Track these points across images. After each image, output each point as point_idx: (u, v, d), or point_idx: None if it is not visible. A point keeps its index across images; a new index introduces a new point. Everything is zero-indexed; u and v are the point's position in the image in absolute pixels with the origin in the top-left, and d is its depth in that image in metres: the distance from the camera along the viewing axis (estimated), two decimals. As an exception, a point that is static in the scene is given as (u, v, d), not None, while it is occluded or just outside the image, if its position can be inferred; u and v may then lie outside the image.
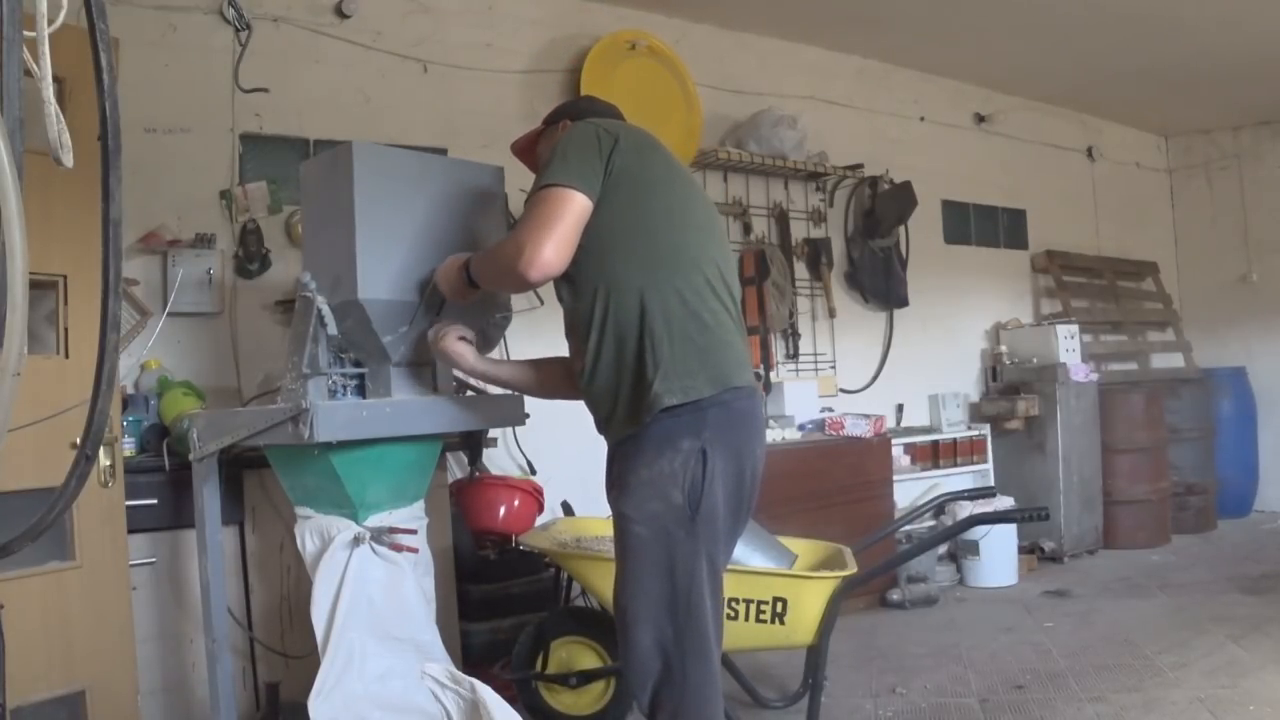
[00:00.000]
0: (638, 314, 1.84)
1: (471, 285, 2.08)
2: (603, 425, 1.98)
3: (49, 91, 0.98)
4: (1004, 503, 4.40)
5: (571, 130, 1.97)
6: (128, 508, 2.47)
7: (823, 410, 4.68)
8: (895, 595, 4.35)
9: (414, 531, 2.33)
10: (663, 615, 1.83)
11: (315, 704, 2.11)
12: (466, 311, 2.35)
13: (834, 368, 4.95)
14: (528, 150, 2.27)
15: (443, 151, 3.67)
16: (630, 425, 1.87)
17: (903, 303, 5.15)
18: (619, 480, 1.89)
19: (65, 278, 2.30)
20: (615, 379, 1.88)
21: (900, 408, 5.24)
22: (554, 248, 1.79)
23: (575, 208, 1.82)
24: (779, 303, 4.53)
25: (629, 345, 1.85)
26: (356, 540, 2.23)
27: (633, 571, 1.85)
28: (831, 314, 4.89)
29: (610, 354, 1.88)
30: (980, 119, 5.77)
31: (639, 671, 1.86)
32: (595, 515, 3.34)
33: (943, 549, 4.76)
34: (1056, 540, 5.12)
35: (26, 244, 0.92)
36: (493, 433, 3.52)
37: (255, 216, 3.30)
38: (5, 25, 0.94)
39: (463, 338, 2.17)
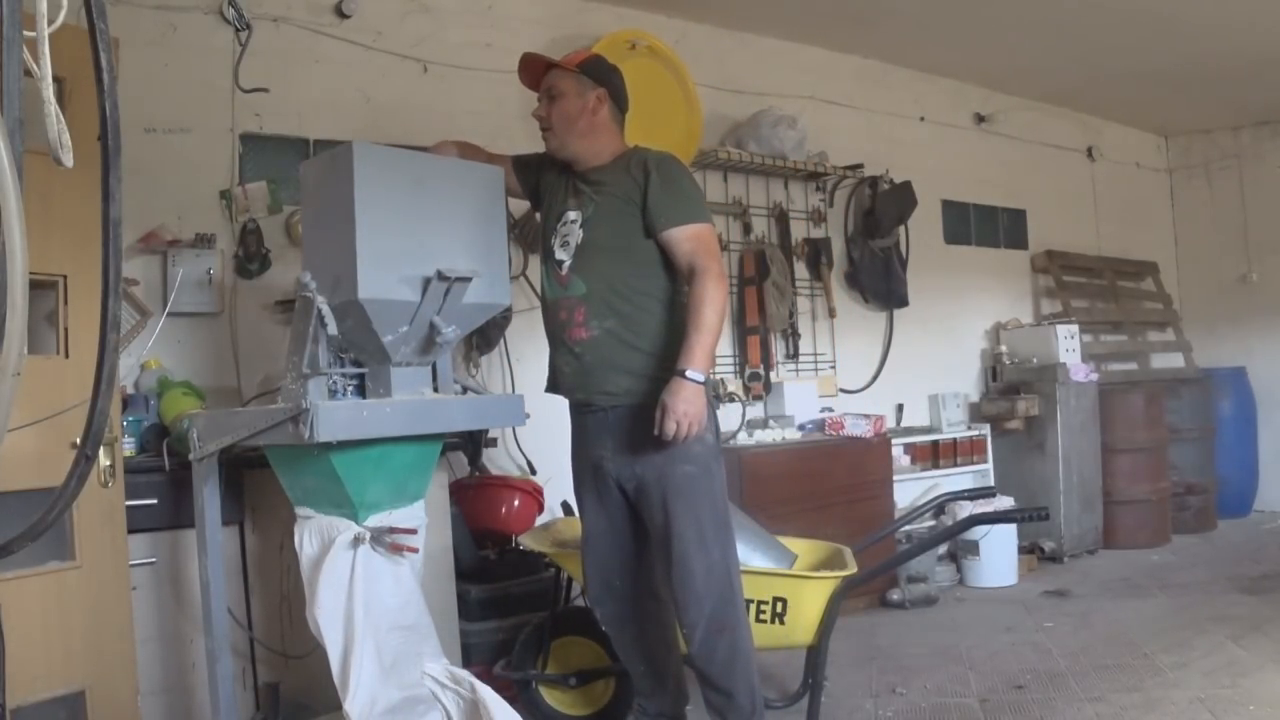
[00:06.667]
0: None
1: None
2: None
3: (49, 91, 0.98)
4: (1004, 503, 4.40)
5: (684, 169, 2.48)
6: (128, 508, 2.45)
7: (823, 410, 4.68)
8: (895, 595, 4.35)
9: (414, 531, 2.32)
10: (713, 538, 2.31)
11: (353, 706, 2.11)
12: (468, 313, 2.35)
13: (834, 368, 4.95)
14: (539, 71, 2.50)
15: (443, 151, 3.67)
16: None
17: (903, 303, 5.15)
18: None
19: (65, 278, 2.29)
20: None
21: (900, 408, 5.24)
22: None
23: None
24: (779, 303, 4.53)
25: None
26: (357, 540, 2.23)
27: (687, 506, 2.31)
28: (831, 314, 4.88)
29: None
30: (980, 119, 5.77)
31: (699, 598, 2.29)
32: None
33: (943, 549, 4.76)
34: (1056, 540, 5.12)
35: (26, 244, 0.92)
36: (493, 433, 3.52)
37: (255, 216, 3.30)
38: (5, 25, 0.94)
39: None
